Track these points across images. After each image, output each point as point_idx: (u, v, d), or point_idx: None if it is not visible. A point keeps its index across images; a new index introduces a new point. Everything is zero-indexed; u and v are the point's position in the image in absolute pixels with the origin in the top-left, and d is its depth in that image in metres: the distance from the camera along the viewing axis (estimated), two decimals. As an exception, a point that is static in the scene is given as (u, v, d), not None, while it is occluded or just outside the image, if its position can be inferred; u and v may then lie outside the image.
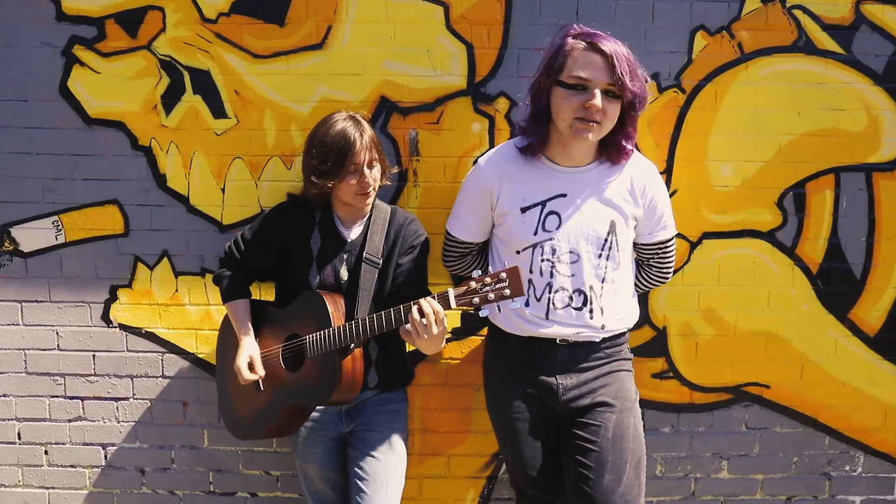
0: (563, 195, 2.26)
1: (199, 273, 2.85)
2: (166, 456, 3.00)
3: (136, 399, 2.96)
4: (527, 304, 2.32)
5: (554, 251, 2.26)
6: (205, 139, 2.76)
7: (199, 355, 2.92)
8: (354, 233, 2.42)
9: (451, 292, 2.03)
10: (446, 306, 2.04)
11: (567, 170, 2.27)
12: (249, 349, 2.41)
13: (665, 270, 2.51)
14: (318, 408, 2.45)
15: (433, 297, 2.06)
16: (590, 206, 2.26)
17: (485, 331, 2.83)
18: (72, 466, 3.01)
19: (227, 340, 2.56)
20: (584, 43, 2.11)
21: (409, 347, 2.53)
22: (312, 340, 2.29)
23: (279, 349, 2.41)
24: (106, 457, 3.01)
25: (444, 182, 2.76)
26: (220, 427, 2.93)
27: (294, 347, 2.37)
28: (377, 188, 2.37)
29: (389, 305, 2.21)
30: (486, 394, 2.55)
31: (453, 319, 2.85)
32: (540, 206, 2.26)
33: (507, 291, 1.95)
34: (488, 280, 1.98)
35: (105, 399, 2.95)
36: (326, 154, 2.25)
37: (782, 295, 2.85)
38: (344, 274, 2.39)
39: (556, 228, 2.25)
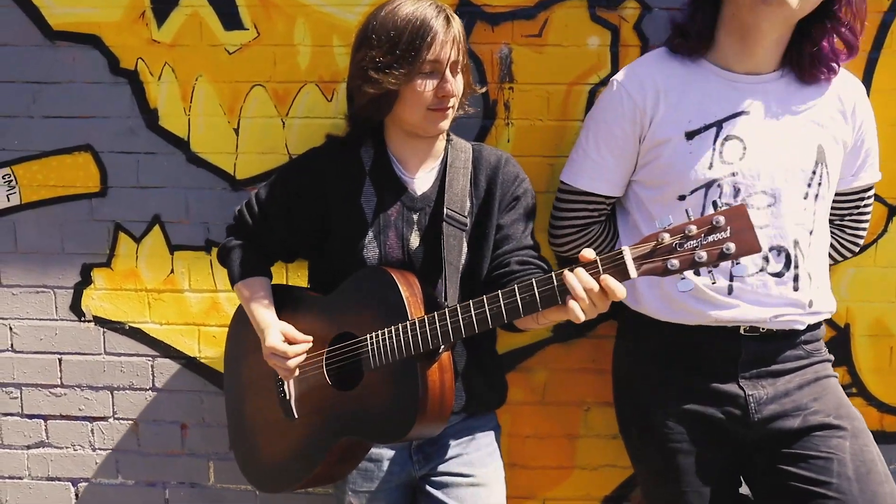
0: (745, 112, 1.64)
1: (204, 247, 2.13)
2: (158, 496, 2.28)
3: (118, 419, 2.25)
4: (697, 273, 1.57)
5: (737, 191, 1.62)
6: (212, 60, 2.04)
7: (203, 360, 2.19)
8: (424, 181, 1.68)
9: (629, 253, 1.26)
10: (621, 276, 1.27)
11: (744, 78, 1.65)
12: (277, 325, 1.65)
13: (860, 233, 1.92)
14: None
15: (595, 264, 1.29)
16: (785, 125, 1.65)
17: (603, 328, 2.05)
18: (31, 509, 2.31)
19: (242, 342, 1.81)
20: None
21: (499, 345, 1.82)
22: (378, 343, 1.52)
23: (322, 357, 1.63)
24: (77, 496, 2.30)
25: (547, 119, 2.01)
26: (229, 458, 2.20)
27: (345, 354, 1.60)
28: (456, 109, 1.64)
29: (488, 289, 1.45)
30: (621, 415, 1.87)
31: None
32: (714, 129, 1.63)
33: (730, 247, 1.20)
34: (693, 229, 1.22)
35: (76, 419, 2.26)
36: (395, 39, 1.52)
37: None
38: (414, 241, 1.62)
39: (741, 158, 1.62)
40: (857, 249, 1.94)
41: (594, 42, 1.98)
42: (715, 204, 1.38)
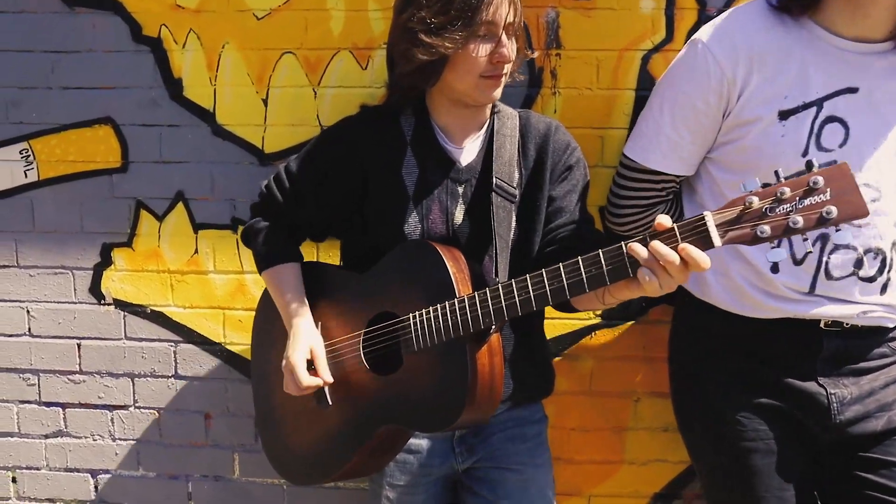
0: (853, 90, 1.41)
1: (230, 226, 2.01)
2: (181, 490, 2.16)
3: (139, 408, 2.13)
4: (776, 270, 1.43)
5: None
6: (240, 26, 1.92)
7: (229, 346, 2.07)
8: (469, 151, 1.54)
9: (712, 218, 1.11)
10: (703, 245, 1.12)
11: (854, 46, 1.41)
12: (307, 338, 1.53)
13: None
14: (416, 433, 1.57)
15: (673, 232, 1.13)
16: None
17: (654, 313, 1.91)
18: (49, 501, 2.20)
19: (269, 327, 1.69)
20: None
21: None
22: (422, 323, 1.39)
23: (359, 339, 1.51)
24: (96, 488, 2.18)
25: (597, 88, 1.87)
26: (255, 450, 2.09)
27: (385, 335, 1.47)
28: (509, 76, 1.50)
29: (540, 266, 1.30)
30: (681, 409, 1.71)
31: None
32: (814, 108, 1.41)
33: (831, 211, 1.03)
34: (787, 192, 1.06)
35: (95, 407, 2.14)
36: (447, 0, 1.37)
37: None
38: (459, 215, 1.49)
39: (841, 146, 1.41)
40: None
41: (648, 5, 1.83)
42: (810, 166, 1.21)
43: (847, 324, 1.46)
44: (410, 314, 1.41)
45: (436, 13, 1.38)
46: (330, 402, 1.54)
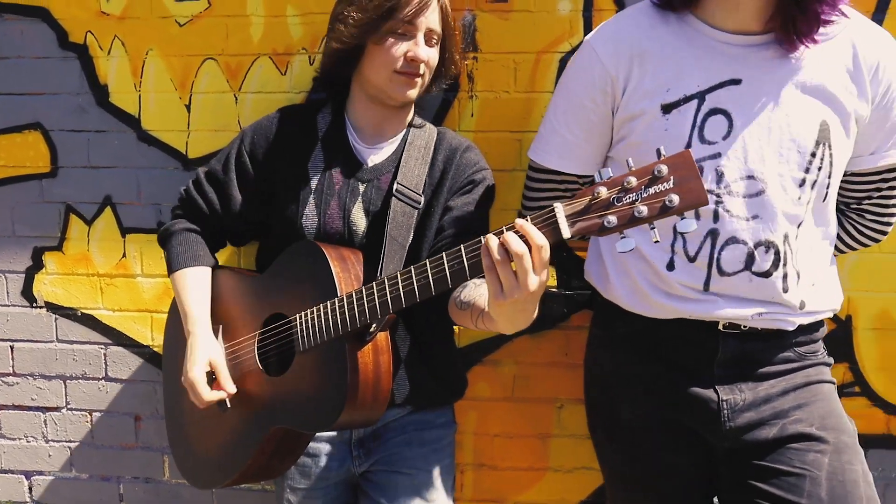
0: (736, 81, 1.39)
1: (156, 230, 1.98)
2: (112, 491, 2.17)
3: (71, 410, 2.14)
4: (671, 268, 1.41)
5: (720, 177, 1.38)
6: (163, 32, 1.94)
7: (156, 349, 2.08)
8: (378, 154, 1.56)
9: (561, 209, 1.10)
10: (554, 236, 1.11)
11: (734, 38, 1.39)
12: (206, 349, 1.52)
13: (886, 218, 1.60)
14: (316, 435, 1.56)
15: (526, 221, 1.13)
16: (784, 97, 1.38)
17: (577, 319, 1.90)
18: (-15, 502, 2.19)
19: (176, 333, 1.69)
20: None
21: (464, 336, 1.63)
22: (307, 323, 1.39)
23: (254, 340, 1.51)
24: (31, 490, 2.20)
25: (514, 91, 1.86)
26: (187, 452, 2.05)
27: (277, 336, 1.48)
28: (426, 84, 1.53)
29: None
30: (588, 411, 1.68)
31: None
32: (696, 101, 1.39)
33: (673, 199, 1.02)
34: (633, 181, 1.05)
35: (28, 409, 2.17)
36: None
37: None
38: (358, 217, 1.51)
39: (725, 138, 1.38)
40: (881, 238, 1.64)
41: (565, 7, 1.82)
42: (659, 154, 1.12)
43: (745, 326, 1.42)
44: (297, 314, 1.42)
45: (358, 10, 1.43)
46: (228, 406, 1.54)
